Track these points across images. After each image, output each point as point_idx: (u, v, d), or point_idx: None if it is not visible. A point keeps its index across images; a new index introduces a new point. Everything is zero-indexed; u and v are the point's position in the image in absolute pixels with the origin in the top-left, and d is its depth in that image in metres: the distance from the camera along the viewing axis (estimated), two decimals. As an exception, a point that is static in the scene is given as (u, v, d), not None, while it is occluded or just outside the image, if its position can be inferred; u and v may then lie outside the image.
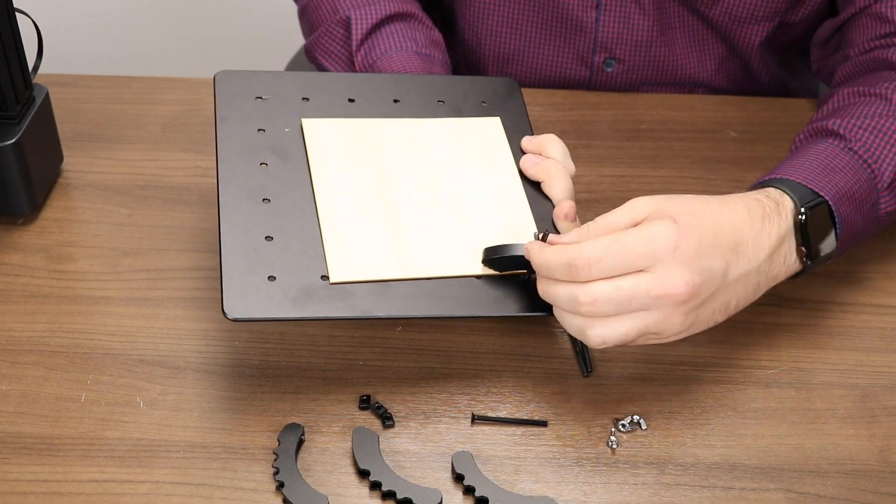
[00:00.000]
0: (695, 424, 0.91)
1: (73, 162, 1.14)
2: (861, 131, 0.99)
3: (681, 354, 0.96)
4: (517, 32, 1.26)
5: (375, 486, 0.85)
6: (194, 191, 1.11)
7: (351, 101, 1.03)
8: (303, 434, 0.88)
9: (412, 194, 0.96)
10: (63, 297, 1.00)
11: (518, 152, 1.01)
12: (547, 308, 0.89)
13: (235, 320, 0.85)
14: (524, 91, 1.26)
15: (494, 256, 0.91)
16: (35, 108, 1.05)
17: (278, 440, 0.87)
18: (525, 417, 0.91)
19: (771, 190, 0.93)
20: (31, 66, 1.06)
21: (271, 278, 0.88)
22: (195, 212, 1.09)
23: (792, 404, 0.93)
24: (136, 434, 0.89)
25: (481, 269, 0.92)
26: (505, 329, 0.98)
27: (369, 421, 0.90)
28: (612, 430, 0.90)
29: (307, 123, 1.00)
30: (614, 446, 0.89)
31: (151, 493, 0.85)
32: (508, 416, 0.91)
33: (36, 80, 1.08)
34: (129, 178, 1.13)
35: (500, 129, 1.03)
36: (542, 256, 0.86)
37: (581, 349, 0.96)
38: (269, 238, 0.91)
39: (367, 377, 0.94)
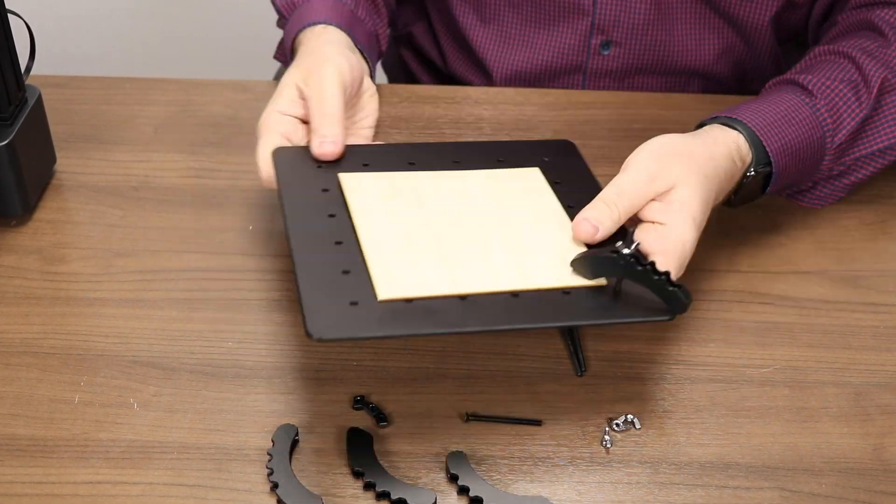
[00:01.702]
0: (689, 423, 0.91)
1: (66, 163, 1.14)
2: (828, 91, 1.05)
3: (674, 354, 0.96)
4: (515, 14, 1.26)
5: (369, 486, 0.85)
6: (188, 192, 1.11)
7: (411, 164, 1.00)
8: (297, 435, 0.88)
9: (458, 226, 0.93)
10: (56, 298, 1.00)
11: (578, 192, 0.97)
12: (657, 313, 0.86)
13: (321, 340, 0.81)
14: (516, 90, 1.26)
15: (588, 257, 0.88)
16: (27, 110, 1.05)
17: (272, 441, 0.87)
18: (519, 417, 0.91)
19: (744, 148, 1.00)
20: (23, 67, 1.06)
21: (353, 304, 0.84)
22: (189, 213, 1.09)
23: (785, 403, 0.93)
24: (131, 435, 0.89)
25: (541, 284, 0.88)
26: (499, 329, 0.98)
27: (363, 421, 0.90)
28: (606, 429, 0.90)
29: (344, 178, 0.97)
30: (608, 445, 0.89)
31: (146, 495, 0.85)
32: (502, 416, 0.91)
33: (28, 81, 1.08)
34: (122, 179, 1.13)
35: (541, 177, 1.00)
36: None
37: (575, 348, 0.96)
38: (346, 272, 0.87)
39: (360, 377, 0.94)
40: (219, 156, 1.16)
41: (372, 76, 1.13)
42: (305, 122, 1.02)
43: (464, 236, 0.92)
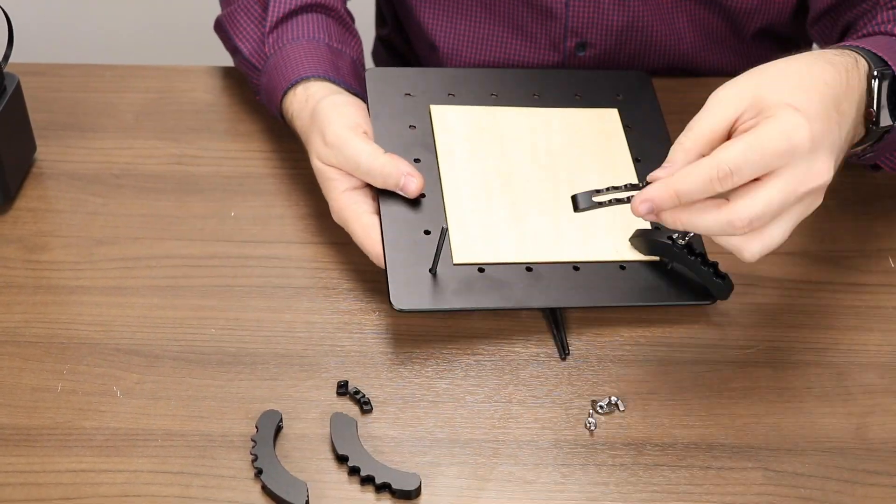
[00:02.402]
0: (672, 405, 0.91)
1: (47, 151, 1.13)
2: None
3: (657, 335, 0.97)
4: (489, 17, 1.25)
5: (354, 471, 0.85)
6: (169, 178, 1.11)
7: (493, 95, 1.08)
8: (280, 421, 0.88)
9: (533, 181, 1.00)
10: (38, 287, 1.00)
11: (647, 141, 1.06)
12: (702, 297, 0.97)
13: (401, 311, 0.91)
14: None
15: (646, 237, 0.96)
16: (6, 98, 1.05)
17: (256, 427, 0.87)
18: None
19: (846, 50, 0.91)
20: (1, 55, 1.05)
21: (432, 271, 0.93)
22: (170, 200, 1.08)
23: (768, 383, 0.93)
24: (114, 423, 0.89)
25: (600, 256, 0.97)
26: (483, 313, 0.98)
27: (347, 407, 0.90)
28: (590, 411, 0.91)
29: (435, 110, 1.05)
30: (592, 428, 0.90)
31: (129, 483, 0.85)
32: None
33: (7, 69, 1.07)
34: (103, 166, 1.12)
35: (617, 120, 1.08)
36: (672, 183, 0.81)
37: (558, 332, 0.96)
38: (427, 232, 0.96)
39: (344, 363, 0.94)
40: (200, 142, 1.15)
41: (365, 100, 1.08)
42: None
43: (538, 194, 1.00)
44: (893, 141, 0.95)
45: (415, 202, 0.97)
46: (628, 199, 0.84)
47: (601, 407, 0.91)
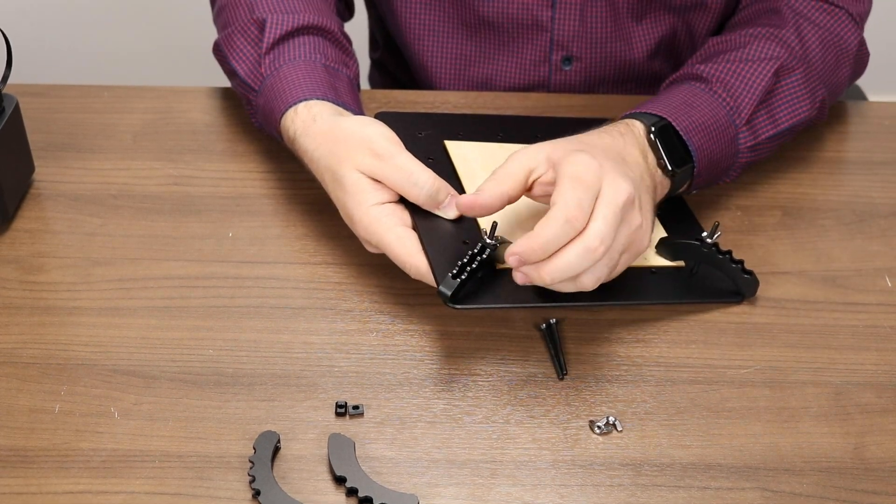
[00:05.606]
0: (670, 425, 0.91)
1: (45, 172, 1.14)
2: (722, 74, 1.08)
3: (655, 355, 0.97)
4: (475, 36, 1.26)
5: (352, 492, 0.85)
6: (167, 199, 1.11)
7: (500, 135, 1.12)
8: (278, 442, 0.88)
9: None
10: (35, 308, 1.00)
11: None
12: (730, 297, 1.01)
13: (457, 308, 0.91)
14: (495, 94, 1.26)
15: (673, 242, 1.01)
16: (5, 119, 1.05)
17: (254, 448, 0.87)
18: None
19: (619, 121, 1.03)
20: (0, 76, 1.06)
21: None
22: (168, 220, 1.09)
23: (766, 403, 0.93)
24: (111, 445, 0.89)
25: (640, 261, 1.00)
26: (480, 333, 0.98)
27: (345, 427, 0.90)
28: (588, 431, 0.91)
29: (450, 145, 1.08)
30: (590, 448, 0.89)
31: (127, 504, 0.85)
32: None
33: (5, 90, 1.07)
34: (101, 187, 1.12)
35: None
36: (535, 237, 0.87)
37: (556, 351, 0.96)
38: (465, 242, 0.97)
39: (341, 383, 0.94)
40: (198, 163, 1.15)
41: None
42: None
43: None
44: (707, 175, 1.06)
45: (446, 221, 0.98)
46: (485, 255, 0.92)
47: (599, 427, 0.91)
